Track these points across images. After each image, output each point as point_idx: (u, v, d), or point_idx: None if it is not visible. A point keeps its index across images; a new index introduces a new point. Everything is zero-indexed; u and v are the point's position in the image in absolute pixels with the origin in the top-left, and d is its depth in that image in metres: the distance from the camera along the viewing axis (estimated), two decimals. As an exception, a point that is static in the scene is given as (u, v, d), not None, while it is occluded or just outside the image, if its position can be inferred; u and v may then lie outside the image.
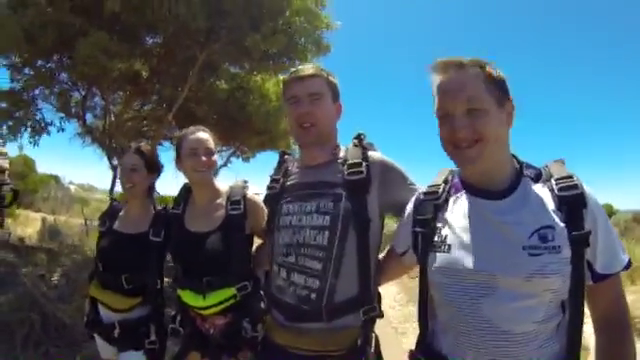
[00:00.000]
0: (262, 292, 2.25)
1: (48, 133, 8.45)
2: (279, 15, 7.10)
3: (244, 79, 10.58)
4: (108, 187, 11.12)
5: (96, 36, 6.20)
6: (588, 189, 1.36)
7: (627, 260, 1.39)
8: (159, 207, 2.71)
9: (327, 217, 1.81)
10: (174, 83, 9.11)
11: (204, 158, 2.34)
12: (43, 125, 8.35)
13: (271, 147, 12.83)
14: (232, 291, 2.23)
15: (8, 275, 6.08)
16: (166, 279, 2.75)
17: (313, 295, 1.78)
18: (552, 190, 1.38)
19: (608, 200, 36.82)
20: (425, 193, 1.65)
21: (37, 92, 8.01)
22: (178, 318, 2.41)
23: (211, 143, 2.40)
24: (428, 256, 1.53)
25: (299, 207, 1.91)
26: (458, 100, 1.39)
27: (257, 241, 2.46)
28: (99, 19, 6.46)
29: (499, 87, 1.42)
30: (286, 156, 2.23)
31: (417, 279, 1.60)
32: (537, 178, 1.45)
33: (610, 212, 31.49)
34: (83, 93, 8.92)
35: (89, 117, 9.97)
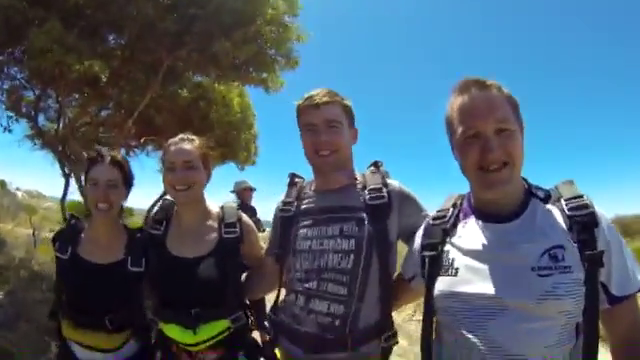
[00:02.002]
0: (267, 322, 2.05)
1: None
2: (250, 23, 6.96)
3: (207, 88, 10.39)
4: (57, 194, 10.60)
5: (50, 25, 5.78)
6: (599, 209, 1.32)
7: None
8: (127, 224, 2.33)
9: (352, 241, 1.78)
10: (135, 88, 8.76)
11: (182, 174, 2.06)
12: None
13: (232, 159, 12.65)
14: (226, 323, 1.99)
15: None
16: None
17: (337, 322, 1.74)
18: (562, 210, 1.34)
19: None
20: (434, 218, 1.63)
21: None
22: (159, 355, 2.13)
23: (194, 156, 2.09)
24: (435, 280, 1.49)
25: (319, 231, 1.86)
26: (490, 119, 1.35)
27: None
28: (60, 11, 6.09)
29: (518, 109, 1.41)
30: (297, 179, 2.14)
31: None
32: (546, 199, 1.41)
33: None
34: (37, 93, 8.42)
35: (41, 119, 9.46)
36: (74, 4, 5.80)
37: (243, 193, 6.47)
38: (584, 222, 1.28)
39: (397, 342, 1.84)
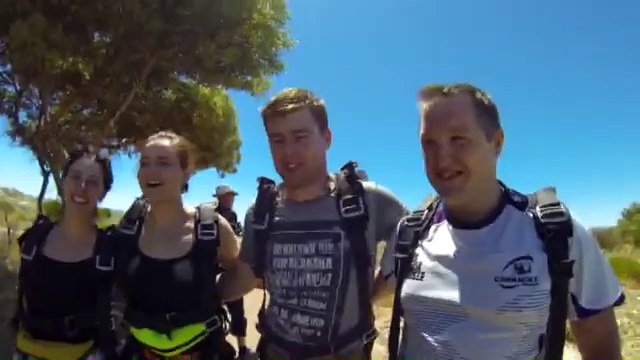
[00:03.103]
0: (256, 326, 2.00)
1: None
2: (236, 26, 6.98)
3: (192, 90, 10.37)
4: (35, 192, 10.45)
5: (34, 19, 5.67)
6: (576, 217, 1.29)
7: (619, 294, 1.31)
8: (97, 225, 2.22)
9: (329, 259, 1.72)
10: (118, 88, 8.70)
11: (155, 169, 1.96)
12: None
13: (213, 164, 12.64)
14: (201, 327, 1.91)
15: None
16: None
17: (319, 333, 1.73)
18: (536, 217, 1.31)
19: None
20: (408, 219, 1.62)
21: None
22: None
23: (169, 152, 2.01)
24: (403, 282, 1.49)
25: (295, 249, 1.79)
26: (443, 127, 1.33)
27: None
28: (45, 5, 6.02)
29: (489, 116, 1.35)
30: (267, 184, 2.00)
31: None
32: (523, 206, 1.38)
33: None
34: (19, 88, 8.32)
35: (22, 115, 9.35)
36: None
37: (225, 197, 6.43)
38: (557, 230, 1.25)
39: (377, 336, 1.86)
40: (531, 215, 1.33)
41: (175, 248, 1.98)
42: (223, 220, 2.11)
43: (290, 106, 1.73)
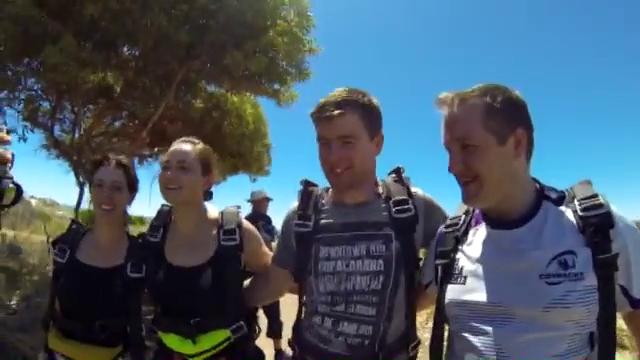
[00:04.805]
0: (292, 339, 1.95)
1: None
2: (261, 35, 7.00)
3: (221, 99, 10.45)
4: (71, 202, 10.72)
5: (65, 42, 5.82)
6: (615, 208, 1.27)
7: None
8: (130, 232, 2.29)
9: (380, 261, 1.69)
10: (149, 99, 8.85)
11: (174, 174, 1.97)
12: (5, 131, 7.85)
13: (244, 170, 12.70)
14: (226, 333, 1.93)
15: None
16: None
17: (366, 342, 1.68)
18: (575, 211, 1.29)
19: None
20: (446, 225, 1.62)
21: (2, 95, 7.45)
22: None
23: (190, 157, 2.02)
24: (445, 288, 1.48)
25: (344, 251, 1.74)
26: (451, 136, 1.36)
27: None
28: (75, 25, 6.24)
29: (500, 118, 1.32)
30: (311, 187, 1.97)
31: None
32: (560, 201, 1.37)
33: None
34: (53, 104, 8.57)
35: (57, 129, 9.61)
36: (90, 17, 5.88)
37: (260, 203, 6.50)
38: (598, 223, 1.23)
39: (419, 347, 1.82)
40: (570, 209, 1.30)
41: (197, 255, 1.99)
42: (247, 224, 2.10)
43: (337, 111, 1.68)
